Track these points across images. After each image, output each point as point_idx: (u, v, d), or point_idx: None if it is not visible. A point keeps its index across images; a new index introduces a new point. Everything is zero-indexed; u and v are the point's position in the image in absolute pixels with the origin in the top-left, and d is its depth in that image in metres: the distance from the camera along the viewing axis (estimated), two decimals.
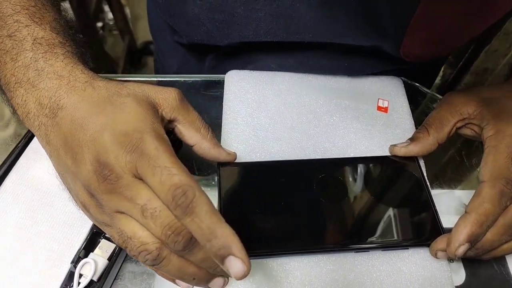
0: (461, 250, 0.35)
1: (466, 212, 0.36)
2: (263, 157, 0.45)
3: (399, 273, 0.39)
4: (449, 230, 0.38)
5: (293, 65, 0.51)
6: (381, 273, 0.39)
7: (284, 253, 0.38)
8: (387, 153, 0.45)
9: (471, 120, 0.41)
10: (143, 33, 1.93)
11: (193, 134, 0.37)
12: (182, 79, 0.54)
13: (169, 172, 0.28)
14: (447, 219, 0.46)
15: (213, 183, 0.45)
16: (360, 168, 0.43)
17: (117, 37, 1.81)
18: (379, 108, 0.50)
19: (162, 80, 0.53)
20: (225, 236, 0.28)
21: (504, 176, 0.35)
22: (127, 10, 1.85)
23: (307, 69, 0.51)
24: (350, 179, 0.43)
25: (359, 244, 0.39)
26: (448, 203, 0.49)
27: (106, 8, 1.79)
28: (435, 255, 0.38)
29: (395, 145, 0.45)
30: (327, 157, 0.44)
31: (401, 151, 0.44)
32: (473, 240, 0.35)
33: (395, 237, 0.39)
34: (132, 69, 1.77)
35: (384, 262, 0.39)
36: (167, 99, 0.35)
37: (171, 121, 0.36)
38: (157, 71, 0.77)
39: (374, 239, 0.39)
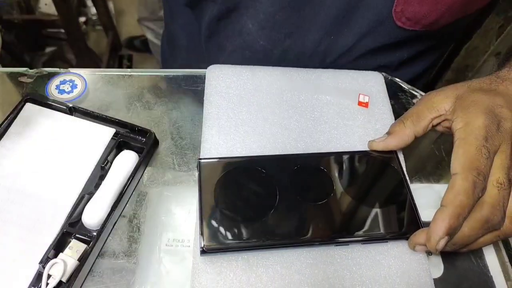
0: (442, 244, 0.35)
1: (442, 205, 0.36)
2: (244, 152, 0.45)
3: (378, 266, 0.39)
4: (428, 224, 0.39)
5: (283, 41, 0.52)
6: (361, 266, 0.39)
7: (264, 247, 0.38)
8: (367, 148, 0.46)
9: (447, 116, 0.42)
10: (127, 28, 1.91)
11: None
12: (163, 73, 0.53)
13: None
14: (427, 214, 0.46)
15: (194, 178, 0.45)
16: (340, 162, 0.44)
17: (101, 33, 1.79)
18: (360, 103, 0.50)
19: (141, 75, 0.52)
20: None
21: (475, 167, 0.36)
22: (111, 5, 1.82)
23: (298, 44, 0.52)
24: (331, 173, 0.43)
25: (339, 238, 0.39)
26: (427, 197, 0.49)
27: (89, 3, 1.76)
28: (413, 249, 0.39)
29: (373, 140, 0.45)
30: (308, 152, 0.45)
31: (379, 146, 0.44)
32: (451, 233, 0.35)
33: (375, 231, 0.40)
34: (116, 65, 1.75)
35: (363, 255, 0.40)
36: None
37: None
38: (163, 52, 0.77)
39: (354, 232, 0.39)
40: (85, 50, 1.52)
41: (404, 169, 0.45)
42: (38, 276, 0.36)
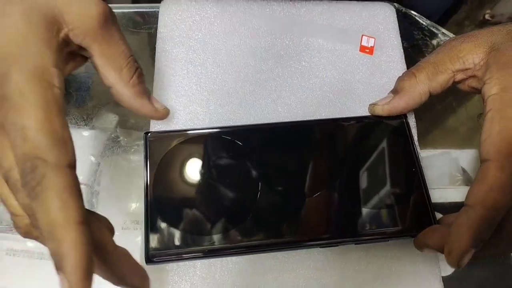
0: (466, 260, 0.26)
1: (467, 205, 0.26)
2: (207, 121, 0.34)
3: (379, 268, 0.31)
4: (442, 210, 0.29)
5: None
6: (356, 270, 0.31)
7: (234, 252, 0.30)
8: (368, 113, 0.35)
9: (475, 72, 0.30)
10: None
11: (110, 74, 0.28)
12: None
13: (23, 136, 0.20)
14: (441, 194, 0.37)
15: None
16: (332, 134, 0.33)
17: None
18: (362, 49, 0.38)
19: None
20: (64, 243, 0.19)
21: None
22: None
23: None
24: (318, 150, 0.32)
25: (326, 239, 0.30)
26: (442, 168, 0.40)
27: None
28: (422, 250, 0.30)
29: (375, 104, 0.34)
30: (291, 120, 0.34)
31: (384, 110, 0.34)
32: (479, 244, 0.26)
33: (372, 228, 0.30)
34: None
35: (358, 257, 0.31)
36: (82, 16, 0.26)
37: (83, 49, 0.27)
38: None
39: (346, 230, 0.30)
40: None
41: (416, 141, 0.34)
42: None
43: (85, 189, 0.38)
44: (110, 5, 0.37)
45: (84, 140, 0.40)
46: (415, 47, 0.40)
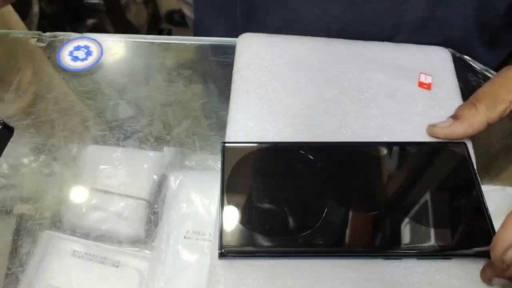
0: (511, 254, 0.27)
1: None
2: (276, 137, 0.37)
3: (437, 287, 0.31)
4: None
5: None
6: (415, 285, 0.31)
7: (296, 255, 0.32)
8: (428, 139, 0.37)
9: None
10: (167, 1, 1.85)
11: None
12: (189, 42, 0.46)
13: None
14: (498, 224, 0.37)
15: (219, 165, 0.38)
16: (394, 155, 0.36)
17: (141, 5, 1.75)
18: (421, 84, 0.41)
19: (166, 43, 0.46)
20: None
21: None
22: None
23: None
24: (382, 169, 0.35)
25: (390, 250, 0.31)
26: (498, 204, 0.40)
27: None
28: (489, 282, 0.30)
29: (435, 125, 0.36)
30: (354, 141, 0.37)
31: (443, 132, 0.36)
32: None
33: (435, 243, 0.31)
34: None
35: (418, 273, 0.32)
36: None
37: None
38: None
39: (409, 244, 0.31)
40: (124, 22, 1.49)
41: (475, 165, 0.36)
42: None
43: (144, 204, 0.41)
44: (197, 37, 0.42)
45: (150, 160, 0.43)
46: (470, 88, 0.43)
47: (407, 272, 0.32)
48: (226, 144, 0.35)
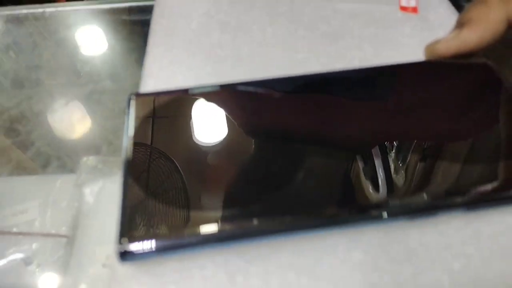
0: None
1: None
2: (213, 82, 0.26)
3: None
4: None
5: None
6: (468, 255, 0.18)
7: (250, 235, 0.18)
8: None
9: None
10: None
11: None
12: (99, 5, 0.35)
13: None
14: None
15: None
16: (397, 78, 0.24)
17: None
18: (404, 9, 0.31)
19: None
20: None
21: None
22: None
23: None
24: (390, 98, 0.23)
25: (418, 205, 0.18)
26: None
27: None
28: None
29: (436, 41, 0.25)
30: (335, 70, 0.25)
31: (450, 47, 0.25)
32: None
33: (482, 189, 0.19)
34: None
35: (467, 234, 0.19)
36: None
37: None
38: None
39: (445, 194, 0.19)
40: None
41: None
42: None
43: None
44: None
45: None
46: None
47: (448, 238, 0.19)
48: (135, 95, 0.23)
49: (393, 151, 0.20)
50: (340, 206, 0.18)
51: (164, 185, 0.19)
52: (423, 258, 0.18)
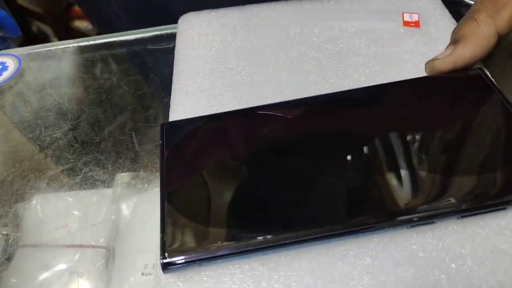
0: None
1: None
2: (236, 107, 0.29)
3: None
4: None
5: None
6: (463, 257, 0.21)
7: (278, 245, 0.21)
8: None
9: None
10: None
11: None
12: (118, 38, 0.39)
13: None
14: None
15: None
16: (399, 96, 0.27)
17: None
18: (406, 24, 0.33)
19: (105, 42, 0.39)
20: None
21: None
22: None
23: None
24: (390, 114, 0.26)
25: (413, 213, 0.21)
26: None
27: None
28: None
29: (434, 59, 0.28)
30: (340, 90, 0.28)
31: (446, 63, 0.27)
32: None
33: (481, 191, 0.21)
34: None
35: (462, 239, 0.21)
36: None
37: None
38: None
39: (438, 202, 0.21)
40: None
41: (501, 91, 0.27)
42: None
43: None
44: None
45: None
46: None
47: (446, 242, 0.21)
48: (167, 124, 0.26)
49: (397, 165, 0.23)
50: (351, 218, 0.21)
51: (199, 203, 0.23)
52: (424, 260, 0.21)
